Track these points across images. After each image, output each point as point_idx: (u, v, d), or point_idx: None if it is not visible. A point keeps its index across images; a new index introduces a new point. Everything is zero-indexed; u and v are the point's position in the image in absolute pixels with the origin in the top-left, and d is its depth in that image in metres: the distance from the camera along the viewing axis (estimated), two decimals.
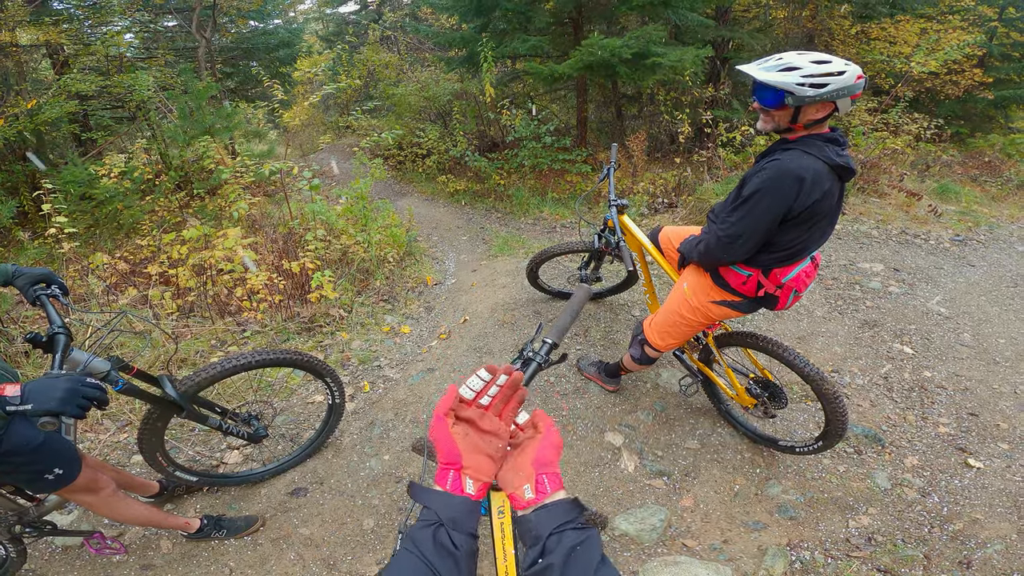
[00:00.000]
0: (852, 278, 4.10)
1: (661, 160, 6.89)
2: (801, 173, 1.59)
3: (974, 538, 2.03)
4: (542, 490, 0.69)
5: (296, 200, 4.89)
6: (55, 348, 1.47)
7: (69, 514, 2.14)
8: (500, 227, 5.59)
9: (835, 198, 1.72)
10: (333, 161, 5.97)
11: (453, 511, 0.66)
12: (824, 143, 1.65)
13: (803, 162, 1.61)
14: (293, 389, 2.88)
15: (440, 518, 0.65)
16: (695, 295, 2.06)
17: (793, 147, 1.67)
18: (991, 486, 2.26)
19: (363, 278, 4.08)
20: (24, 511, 1.69)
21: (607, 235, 2.61)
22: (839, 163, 1.64)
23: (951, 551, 1.99)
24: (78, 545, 1.99)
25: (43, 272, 1.64)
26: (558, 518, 0.65)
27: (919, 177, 6.63)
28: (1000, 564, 1.93)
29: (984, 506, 2.17)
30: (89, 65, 6.63)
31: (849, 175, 1.69)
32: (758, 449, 2.46)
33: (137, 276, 3.82)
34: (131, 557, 1.98)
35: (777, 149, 1.73)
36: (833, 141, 1.67)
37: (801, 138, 1.68)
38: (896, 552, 1.98)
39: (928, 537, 2.05)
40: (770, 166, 1.65)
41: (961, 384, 2.90)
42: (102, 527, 2.06)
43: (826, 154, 1.63)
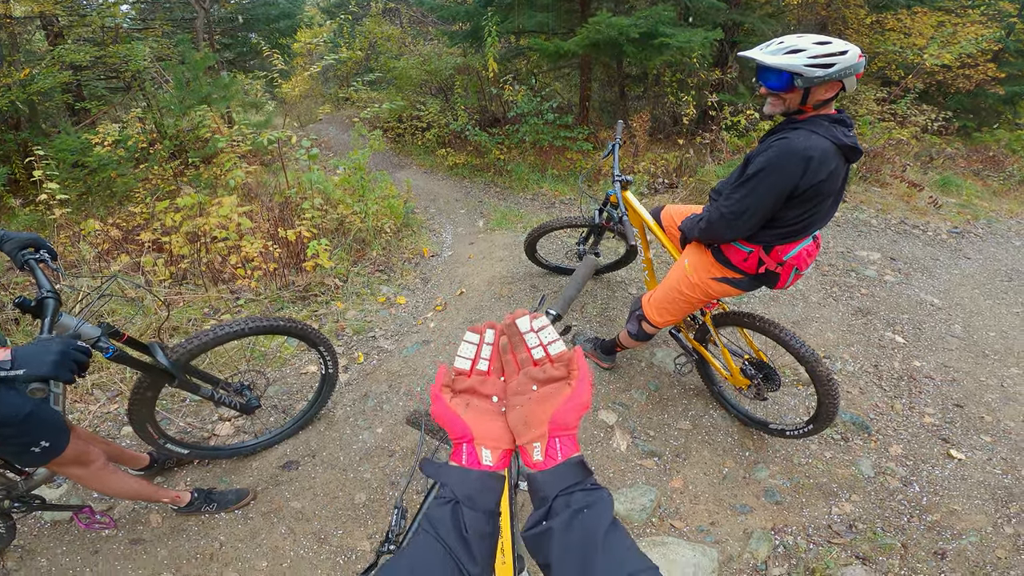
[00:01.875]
0: (849, 265, 4.10)
1: (663, 141, 6.84)
2: (809, 152, 1.61)
3: (950, 529, 2.07)
4: (552, 456, 0.63)
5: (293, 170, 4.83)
6: (44, 313, 1.44)
7: (58, 488, 2.11)
8: (499, 201, 5.55)
9: (840, 178, 1.73)
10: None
11: (469, 487, 0.62)
12: (831, 123, 1.67)
13: (810, 141, 1.62)
14: (286, 359, 2.87)
15: (456, 495, 0.61)
16: (696, 271, 2.07)
17: (800, 127, 1.68)
18: (971, 478, 2.29)
19: (359, 248, 4.05)
20: (12, 485, 1.66)
21: (609, 210, 2.59)
22: (847, 143, 1.65)
23: (927, 541, 2.02)
24: (67, 520, 1.97)
25: (31, 237, 1.60)
26: (566, 480, 0.61)
27: (922, 168, 6.61)
28: (973, 556, 1.96)
29: (962, 498, 2.20)
30: (84, 36, 6.47)
31: (856, 156, 1.70)
32: (748, 432, 2.48)
33: (130, 243, 3.78)
34: (120, 532, 1.97)
35: (784, 128, 1.73)
36: (840, 122, 1.69)
37: (809, 118, 1.69)
38: (875, 540, 2.02)
39: (907, 527, 2.08)
40: (777, 144, 1.66)
41: (949, 375, 2.93)
42: (91, 501, 2.04)
43: (833, 134, 1.64)
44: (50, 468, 1.61)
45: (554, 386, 0.65)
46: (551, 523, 0.58)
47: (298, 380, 2.75)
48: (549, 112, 6.05)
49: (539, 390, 0.65)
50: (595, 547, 0.55)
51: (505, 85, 6.72)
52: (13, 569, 1.83)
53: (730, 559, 1.96)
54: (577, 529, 0.56)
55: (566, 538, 0.56)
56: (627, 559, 0.54)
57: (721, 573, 1.90)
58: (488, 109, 7.37)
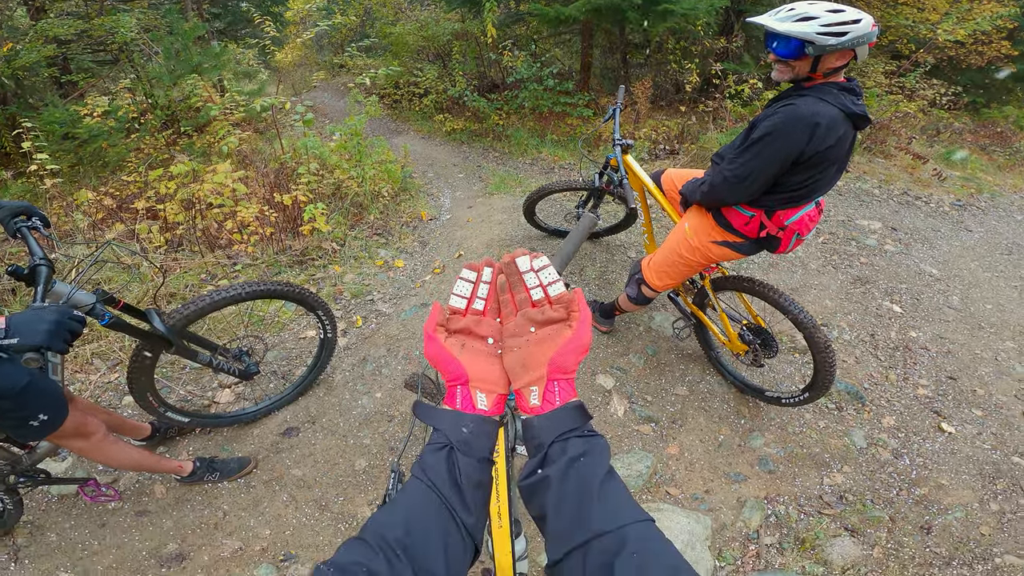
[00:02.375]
0: (849, 234, 4.09)
1: (665, 109, 6.73)
2: (816, 119, 1.59)
3: (937, 504, 2.10)
4: (550, 400, 0.60)
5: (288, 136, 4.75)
6: (37, 280, 1.42)
7: (63, 461, 2.12)
8: (497, 166, 5.49)
9: (847, 145, 1.72)
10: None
11: (463, 432, 0.60)
12: (840, 91, 1.64)
13: (818, 108, 1.61)
14: (285, 324, 2.87)
15: (450, 440, 0.59)
16: (696, 235, 2.06)
17: (808, 94, 1.66)
18: (960, 452, 2.32)
19: (357, 212, 4.02)
20: (17, 459, 1.66)
21: (609, 173, 2.57)
22: (855, 112, 1.64)
23: (915, 515, 2.05)
24: (74, 494, 1.98)
25: (23, 204, 1.57)
26: (564, 425, 0.58)
27: (928, 142, 6.54)
28: (958, 532, 1.99)
29: (951, 472, 2.23)
30: (67, 10, 6.25)
31: (864, 124, 1.68)
32: (744, 399, 2.51)
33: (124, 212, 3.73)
34: (126, 504, 1.98)
35: (792, 94, 1.71)
36: (849, 90, 1.66)
37: (817, 85, 1.67)
38: (864, 512, 2.05)
39: (895, 500, 2.11)
40: (784, 110, 1.65)
41: (944, 347, 2.95)
42: (96, 474, 2.05)
43: (842, 102, 1.63)
44: (51, 441, 1.60)
45: (553, 328, 0.62)
46: (548, 471, 0.56)
47: (297, 345, 2.75)
48: (549, 78, 5.92)
49: (537, 332, 0.62)
50: (591, 497, 0.53)
51: (504, 51, 6.56)
52: (24, 545, 1.84)
53: (723, 527, 1.99)
54: (573, 478, 0.55)
55: (562, 487, 0.55)
56: (623, 510, 0.53)
57: (714, 541, 1.94)
58: (487, 75, 7.21)
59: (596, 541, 0.51)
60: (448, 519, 0.55)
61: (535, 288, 0.64)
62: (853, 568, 1.86)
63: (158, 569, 1.80)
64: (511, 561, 1.07)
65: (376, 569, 0.49)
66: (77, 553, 1.83)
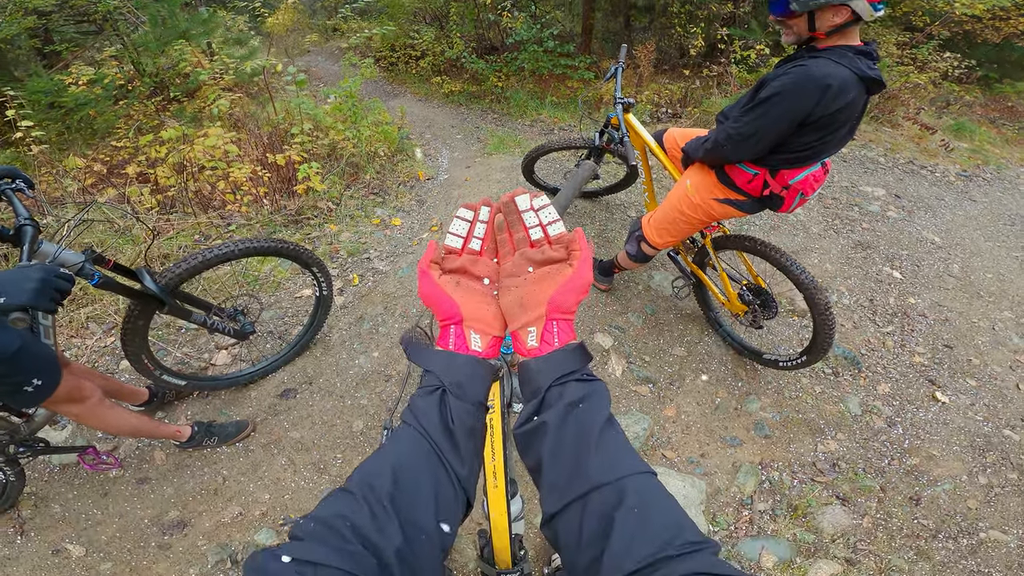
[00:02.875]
0: (852, 199, 4.04)
1: (668, 73, 6.59)
2: (827, 80, 1.55)
3: (927, 475, 2.10)
4: (548, 341, 0.57)
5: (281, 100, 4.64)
6: (22, 240, 1.40)
7: (63, 430, 2.10)
8: (496, 127, 5.40)
9: (858, 108, 1.67)
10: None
11: (456, 373, 0.57)
12: (855, 55, 1.59)
13: (830, 70, 1.56)
14: (280, 283, 2.84)
15: (442, 382, 0.56)
16: (698, 192, 2.03)
17: (821, 55, 1.61)
18: (952, 423, 2.32)
19: (353, 172, 3.95)
20: (15, 428, 1.64)
21: (610, 131, 2.51)
22: (869, 75, 1.59)
23: (905, 486, 2.06)
24: (75, 463, 1.97)
25: (7, 167, 1.54)
26: (563, 367, 0.55)
27: (936, 113, 6.44)
28: (945, 505, 2.00)
29: (942, 443, 2.23)
30: None
31: (878, 88, 1.64)
32: (742, 362, 2.51)
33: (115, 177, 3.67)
34: (126, 472, 1.98)
35: (803, 56, 1.67)
36: (866, 54, 1.61)
37: (831, 47, 1.62)
38: (856, 481, 2.06)
39: (887, 469, 2.12)
40: (794, 71, 1.61)
41: (942, 314, 2.94)
42: (96, 442, 2.04)
43: (856, 65, 1.58)
44: (46, 407, 1.57)
45: (553, 267, 0.60)
46: (545, 417, 0.54)
47: (293, 304, 2.73)
48: (549, 40, 5.77)
49: (536, 271, 0.60)
50: (589, 445, 0.51)
51: (503, 12, 6.36)
52: (29, 517, 1.85)
53: (718, 492, 2.01)
54: (572, 425, 0.52)
55: (560, 435, 0.52)
56: (623, 460, 0.51)
57: (708, 506, 1.95)
58: (485, 37, 7.02)
59: (595, 493, 0.49)
60: (439, 468, 0.53)
61: (534, 228, 0.62)
62: (843, 537, 1.88)
63: (161, 537, 1.81)
64: (507, 522, 1.06)
65: (359, 522, 0.46)
66: (81, 523, 1.84)
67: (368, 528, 0.45)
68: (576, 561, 0.49)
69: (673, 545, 0.43)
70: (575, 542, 0.49)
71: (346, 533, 0.44)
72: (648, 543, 0.43)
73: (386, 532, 0.46)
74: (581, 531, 0.48)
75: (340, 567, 0.41)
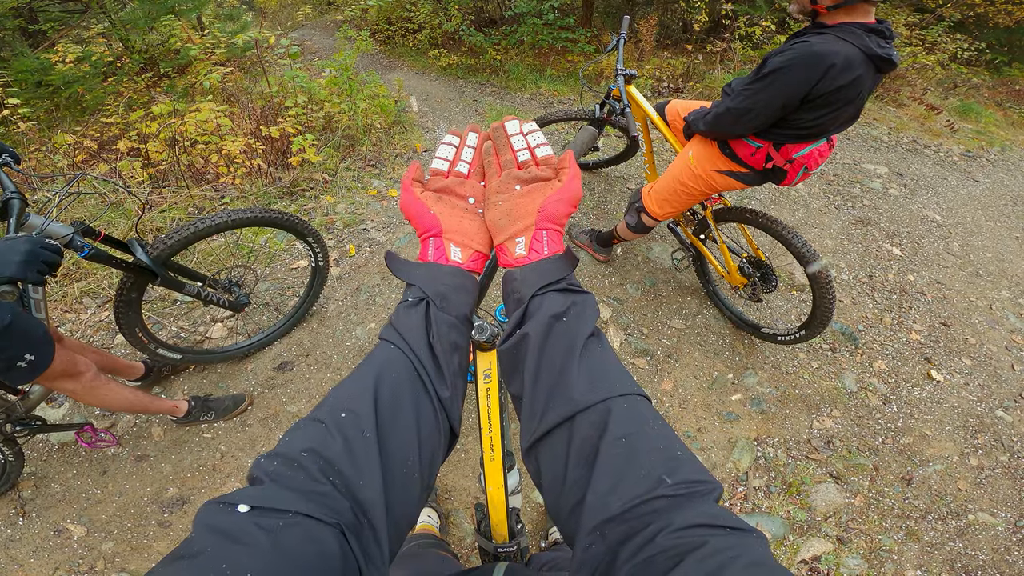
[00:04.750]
0: (854, 177, 4.01)
1: (671, 48, 6.48)
2: (830, 58, 1.52)
3: (919, 455, 2.11)
4: (537, 249, 0.55)
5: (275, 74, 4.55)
6: (9, 213, 1.38)
7: (59, 407, 2.09)
8: (495, 100, 5.33)
9: (865, 87, 1.63)
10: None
11: (440, 283, 0.53)
12: (866, 32, 1.55)
13: (835, 47, 1.53)
14: (275, 255, 2.81)
15: (426, 293, 0.52)
16: (700, 163, 2.00)
17: (828, 32, 1.58)
18: (946, 402, 2.32)
19: (349, 145, 3.90)
20: (11, 407, 1.63)
21: (611, 103, 2.47)
22: (878, 54, 1.54)
23: (897, 465, 2.07)
24: (73, 442, 1.96)
25: None
26: (549, 276, 0.52)
27: (943, 94, 6.38)
28: (936, 485, 2.01)
29: (935, 422, 2.23)
30: None
31: (889, 67, 1.60)
32: (740, 335, 2.50)
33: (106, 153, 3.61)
34: (124, 449, 1.97)
35: (810, 32, 1.64)
36: (877, 32, 1.57)
37: (840, 24, 1.58)
38: (849, 459, 2.06)
39: (880, 448, 2.12)
40: (798, 47, 1.57)
41: (940, 292, 2.93)
42: (93, 419, 2.03)
43: (865, 43, 1.54)
44: (40, 383, 1.55)
45: (541, 184, 0.58)
46: (527, 328, 0.50)
47: (288, 276, 2.70)
48: (550, 13, 5.65)
49: (524, 188, 0.58)
50: (572, 357, 0.46)
51: None
52: (30, 498, 1.84)
53: (713, 467, 2.01)
54: (556, 337, 0.48)
55: (543, 348, 0.48)
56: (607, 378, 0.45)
57: None
58: (484, 9, 6.88)
59: (581, 416, 0.44)
60: (421, 391, 0.48)
61: (522, 150, 0.60)
62: (835, 515, 1.89)
63: (160, 515, 1.81)
64: (503, 495, 1.04)
65: (331, 456, 0.40)
66: (82, 503, 1.84)
67: (342, 463, 0.40)
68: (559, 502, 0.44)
69: (666, 484, 0.38)
70: (560, 477, 0.44)
71: (314, 471, 0.39)
72: (636, 481, 0.38)
73: (363, 469, 0.40)
74: (567, 464, 0.43)
75: (308, 514, 0.36)
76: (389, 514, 0.41)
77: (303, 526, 0.35)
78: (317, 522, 0.36)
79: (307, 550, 0.34)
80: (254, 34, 4.08)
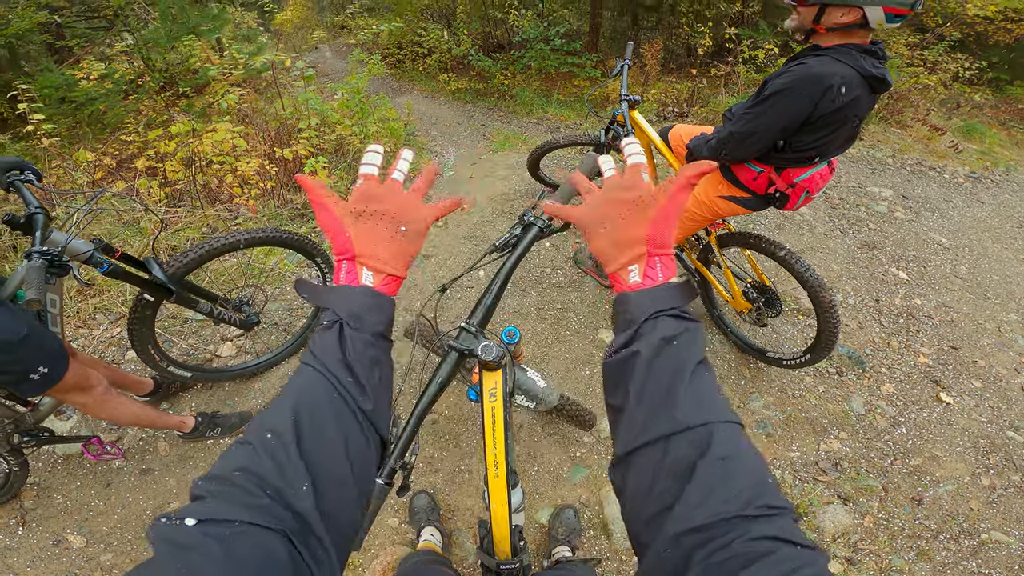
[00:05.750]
0: (859, 200, 4.02)
1: (676, 72, 6.58)
2: (828, 80, 1.54)
3: (930, 475, 2.09)
4: (652, 276, 0.56)
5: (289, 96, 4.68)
6: (34, 228, 1.42)
7: (68, 420, 2.11)
8: (502, 125, 5.41)
9: (862, 107, 1.66)
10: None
11: (352, 304, 0.54)
12: (860, 53, 1.58)
13: (832, 68, 1.55)
14: (285, 276, 2.86)
15: (339, 315, 0.53)
16: (703, 189, 2.03)
17: (825, 54, 1.60)
18: (956, 424, 2.30)
19: (358, 167, 3.99)
20: (20, 417, 1.65)
21: (615, 128, 2.52)
22: (873, 74, 1.57)
23: (907, 486, 2.05)
24: (79, 454, 1.97)
25: (16, 160, 1.56)
26: (662, 302, 0.53)
27: (946, 115, 6.39)
28: (948, 505, 1.99)
29: (945, 443, 2.22)
30: None
31: (883, 87, 1.62)
32: (745, 359, 2.50)
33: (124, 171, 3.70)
34: (129, 463, 1.98)
35: (808, 54, 1.66)
36: (871, 53, 1.60)
37: (836, 46, 1.60)
38: (858, 481, 2.05)
39: (889, 469, 2.11)
40: (796, 69, 1.60)
41: (948, 316, 2.92)
42: (100, 432, 2.05)
43: (859, 63, 1.56)
44: (51, 395, 1.58)
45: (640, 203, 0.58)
46: (638, 347, 0.51)
47: (298, 297, 2.72)
48: (556, 38, 5.78)
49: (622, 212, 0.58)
50: (681, 384, 0.48)
51: (510, 10, 6.37)
52: (31, 508, 1.85)
53: None
54: (665, 359, 0.50)
55: (651, 368, 0.50)
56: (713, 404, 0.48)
57: None
58: (492, 35, 7.04)
59: (682, 435, 0.46)
60: (343, 406, 0.50)
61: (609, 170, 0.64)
62: (844, 536, 1.87)
63: None
64: (507, 512, 1.06)
65: (263, 473, 0.42)
66: (83, 514, 1.84)
67: (274, 478, 0.42)
68: (640, 510, 0.46)
69: (753, 505, 0.41)
70: (646, 487, 0.46)
71: (250, 487, 0.41)
72: (727, 500, 0.41)
73: (293, 482, 0.42)
74: (656, 476, 0.46)
75: (253, 522, 0.38)
76: (330, 522, 0.43)
77: (250, 534, 0.38)
78: (263, 529, 0.38)
79: (258, 555, 0.37)
80: (271, 56, 4.20)
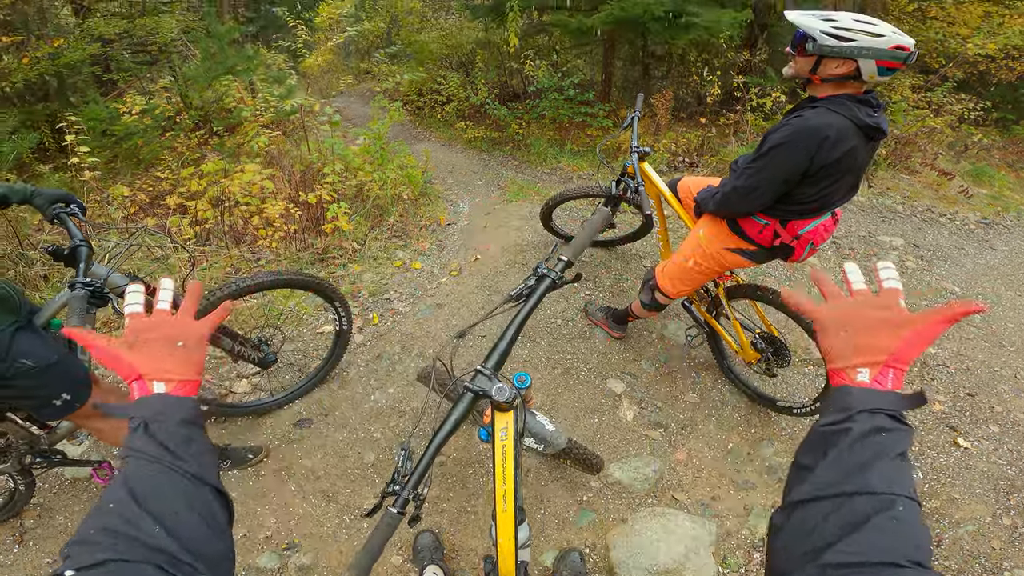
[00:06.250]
0: (870, 249, 4.04)
1: (686, 121, 6.74)
2: (824, 131, 1.59)
3: (949, 517, 2.06)
4: (881, 383, 0.58)
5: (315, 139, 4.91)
6: (78, 260, 1.51)
7: (80, 444, 2.16)
8: (516, 174, 5.55)
9: (861, 156, 1.70)
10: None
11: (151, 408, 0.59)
12: (855, 103, 1.63)
13: (827, 119, 1.60)
14: (303, 318, 2.95)
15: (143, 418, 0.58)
16: (710, 242, 2.07)
17: (820, 105, 1.66)
18: (975, 467, 2.27)
19: (377, 214, 4.12)
20: (35, 439, 1.68)
21: (626, 180, 2.60)
22: (867, 123, 1.62)
23: None
24: (87, 477, 2.01)
25: (61, 192, 1.64)
26: (882, 403, 0.57)
27: (954, 158, 6.42)
28: (969, 546, 1.96)
29: (964, 486, 2.19)
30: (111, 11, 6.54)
31: (879, 136, 1.67)
32: (755, 409, 2.49)
33: (156, 207, 3.88)
34: None
35: (804, 106, 1.72)
36: (865, 103, 1.65)
37: (830, 97, 1.66)
38: None
39: None
40: (793, 122, 1.66)
41: (964, 364, 2.89)
42: (112, 458, 2.08)
43: (854, 113, 1.62)
44: (71, 420, 1.61)
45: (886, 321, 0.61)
46: (852, 424, 0.56)
47: (314, 339, 2.82)
48: (570, 88, 5.99)
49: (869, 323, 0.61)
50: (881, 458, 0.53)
51: (526, 60, 6.65)
52: (31, 527, 1.87)
53: (728, 534, 1.98)
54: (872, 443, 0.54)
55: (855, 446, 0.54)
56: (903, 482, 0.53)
57: (719, 547, 1.93)
58: (508, 84, 7.32)
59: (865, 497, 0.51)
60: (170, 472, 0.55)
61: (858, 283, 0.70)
62: None
63: None
64: (513, 547, 1.08)
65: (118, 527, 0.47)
66: None
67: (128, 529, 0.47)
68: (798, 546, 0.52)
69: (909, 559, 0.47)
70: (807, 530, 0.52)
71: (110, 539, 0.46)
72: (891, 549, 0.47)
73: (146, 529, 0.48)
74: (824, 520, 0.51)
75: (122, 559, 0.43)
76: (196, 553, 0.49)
77: (124, 570, 0.43)
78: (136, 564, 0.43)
79: None
80: (300, 100, 4.44)
